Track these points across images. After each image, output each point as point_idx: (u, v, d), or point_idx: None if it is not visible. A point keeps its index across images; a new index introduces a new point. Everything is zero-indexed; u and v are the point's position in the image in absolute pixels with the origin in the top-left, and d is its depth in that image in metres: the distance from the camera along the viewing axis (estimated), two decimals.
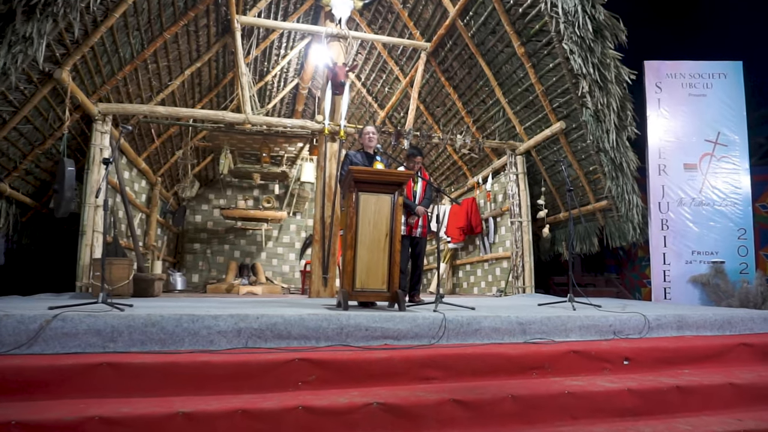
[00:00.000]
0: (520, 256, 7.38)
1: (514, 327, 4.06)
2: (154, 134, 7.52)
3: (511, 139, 7.73)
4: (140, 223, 8.02)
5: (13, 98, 5.33)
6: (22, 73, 5.08)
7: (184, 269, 10.17)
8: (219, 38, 7.14)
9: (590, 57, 5.86)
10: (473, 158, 8.59)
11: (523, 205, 7.51)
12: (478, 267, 8.70)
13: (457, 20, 6.99)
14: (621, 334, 4.26)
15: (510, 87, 7.20)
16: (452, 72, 7.78)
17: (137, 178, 7.82)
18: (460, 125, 8.31)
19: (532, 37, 6.47)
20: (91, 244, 6.14)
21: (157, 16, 5.97)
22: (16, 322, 3.28)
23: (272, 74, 8.79)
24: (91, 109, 6.06)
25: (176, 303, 5.03)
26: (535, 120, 7.27)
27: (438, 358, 3.47)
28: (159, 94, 6.98)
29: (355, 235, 4.47)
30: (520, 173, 7.59)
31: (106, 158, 4.16)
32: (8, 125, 5.52)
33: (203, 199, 10.53)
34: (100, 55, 5.73)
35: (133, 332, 3.42)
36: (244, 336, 3.60)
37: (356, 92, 9.57)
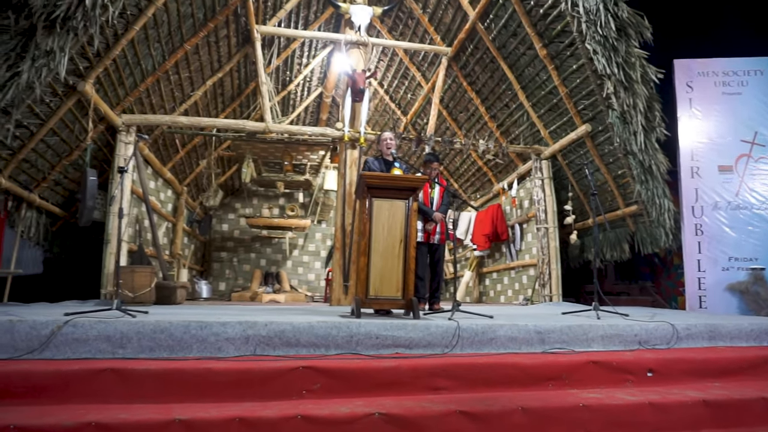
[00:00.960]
0: (547, 264, 7.16)
1: (531, 336, 3.90)
2: (179, 144, 7.65)
3: (536, 144, 7.54)
4: (166, 232, 8.16)
5: (40, 111, 5.49)
6: (47, 86, 5.23)
7: (211, 277, 10.29)
8: (240, 48, 7.23)
9: (614, 57, 5.66)
10: (498, 164, 8.42)
11: (549, 211, 7.30)
12: (505, 275, 8.49)
13: (477, 24, 6.88)
14: (647, 344, 4.04)
15: (533, 90, 7.03)
16: (474, 76, 7.66)
17: (163, 188, 7.97)
18: (484, 130, 8.16)
19: (554, 38, 6.31)
20: (115, 253, 6.25)
21: (177, 28, 6.08)
22: (28, 328, 3.32)
23: (295, 83, 8.85)
24: (114, 120, 6.20)
25: (191, 310, 5.05)
26: (560, 123, 7.07)
27: (448, 367, 3.35)
28: (182, 105, 7.11)
29: (369, 241, 4.40)
30: (546, 178, 7.38)
31: (121, 167, 4.22)
32: (35, 137, 5.69)
33: (229, 208, 10.66)
34: (122, 67, 5.86)
35: (142, 339, 3.42)
36: (253, 343, 3.56)
37: (379, 99, 9.55)
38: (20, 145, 5.66)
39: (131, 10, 5.37)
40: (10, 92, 4.81)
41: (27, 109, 5.32)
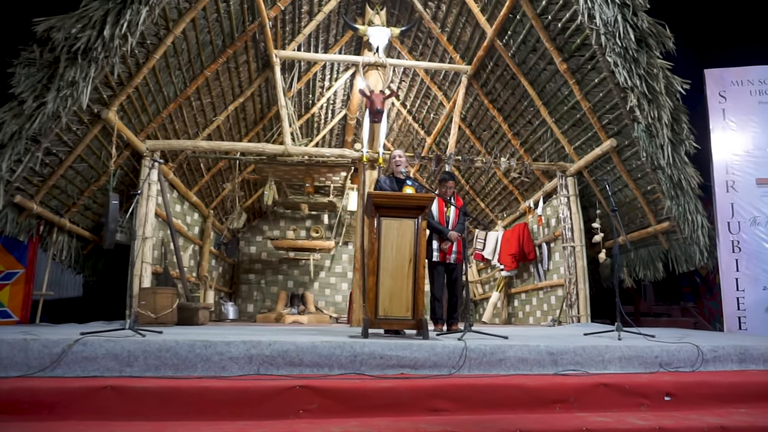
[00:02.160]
0: (574, 284, 6.90)
1: (543, 357, 3.73)
2: (203, 169, 7.84)
3: (561, 160, 7.36)
4: (193, 254, 8.32)
5: (67, 139, 5.73)
6: (73, 115, 5.46)
7: (239, 299, 10.41)
8: (260, 73, 7.40)
9: (635, 68, 5.49)
10: (524, 182, 8.25)
11: (576, 229, 7.07)
12: (533, 295, 8.23)
13: (495, 40, 6.83)
14: (669, 367, 3.80)
15: (555, 105, 6.88)
16: (495, 94, 7.58)
17: (189, 211, 8.16)
18: (508, 148, 8.03)
19: (574, 52, 6.18)
20: (140, 275, 6.40)
21: (197, 56, 6.28)
22: (41, 346, 3.40)
23: (318, 106, 8.99)
24: (139, 146, 6.41)
25: (205, 330, 5.08)
26: (584, 139, 6.88)
27: (449, 388, 3.24)
28: (205, 130, 7.30)
29: (377, 261, 4.34)
30: (572, 195, 7.17)
31: (134, 191, 4.33)
32: (64, 164, 5.94)
33: (257, 231, 10.82)
34: (145, 94, 6.08)
35: (148, 357, 3.45)
36: (256, 363, 3.54)
37: (402, 120, 9.57)
38: (50, 171, 5.91)
39: (151, 40, 5.58)
40: (38, 121, 5.05)
41: (55, 137, 5.55)
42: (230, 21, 6.28)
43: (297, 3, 6.97)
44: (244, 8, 6.30)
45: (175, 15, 5.59)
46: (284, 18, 7.04)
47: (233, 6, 6.11)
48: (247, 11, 6.37)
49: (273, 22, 6.84)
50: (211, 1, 5.80)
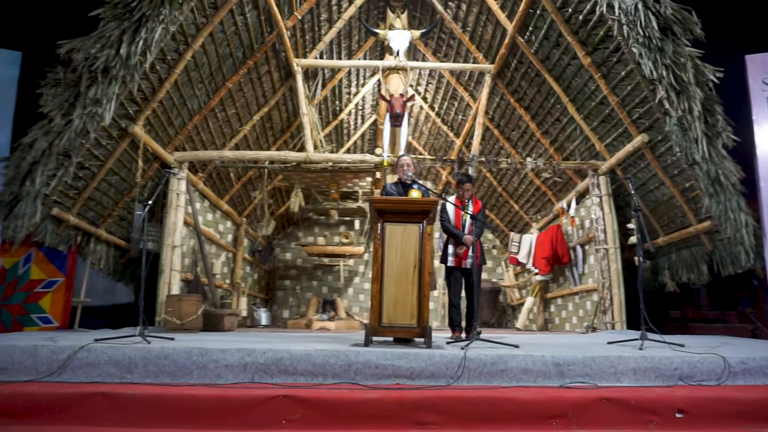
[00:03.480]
0: (608, 288, 6.54)
1: (548, 368, 3.54)
2: (233, 178, 8.03)
3: (592, 159, 7.02)
4: (226, 261, 8.53)
5: (98, 153, 6.01)
6: (102, 130, 5.72)
7: (275, 305, 10.58)
8: (283, 82, 7.51)
9: (661, 58, 5.16)
10: (557, 182, 7.93)
11: (609, 231, 6.70)
12: (569, 301, 7.89)
13: (516, 37, 6.61)
14: (690, 380, 3.51)
15: (583, 101, 6.58)
16: (521, 92, 7.33)
17: (221, 220, 8.37)
18: (538, 148, 7.75)
19: (598, 45, 5.89)
20: (168, 282, 6.61)
21: (218, 68, 6.45)
22: (49, 352, 3.56)
23: (345, 112, 9.02)
24: (167, 158, 6.64)
25: (221, 337, 5.15)
26: (615, 135, 6.53)
27: (438, 401, 3.12)
28: (232, 140, 7.48)
29: (381, 267, 4.26)
30: (604, 195, 6.81)
31: (147, 202, 4.47)
32: (97, 177, 6.23)
33: (292, 237, 10.97)
34: (169, 108, 6.29)
35: (148, 364, 3.54)
36: (251, 370, 3.55)
37: (431, 123, 9.45)
38: (84, 185, 6.22)
39: (171, 55, 5.77)
40: (66, 138, 5.32)
41: (87, 152, 5.84)
42: (248, 33, 6.41)
43: (315, 12, 7.03)
44: (261, 20, 6.41)
45: (193, 30, 5.77)
46: (303, 27, 7.12)
47: (250, 18, 6.24)
48: (265, 23, 6.48)
49: (292, 31, 6.92)
50: (227, 15, 5.94)
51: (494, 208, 10.01)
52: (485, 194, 9.76)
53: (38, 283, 6.57)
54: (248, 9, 6.10)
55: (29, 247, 6.47)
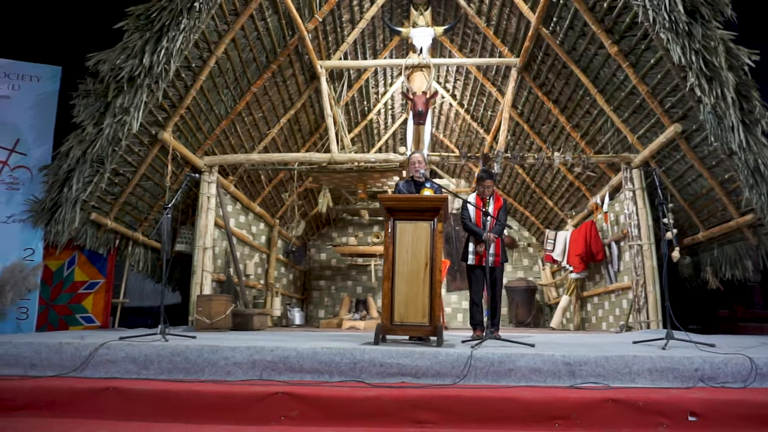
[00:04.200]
0: (642, 286, 6.26)
1: (559, 368, 3.44)
2: (264, 180, 8.20)
3: (625, 151, 6.73)
4: (260, 262, 8.73)
5: (131, 160, 6.28)
6: (133, 137, 5.98)
7: (311, 305, 10.73)
8: (308, 85, 7.60)
9: (689, 43, 4.89)
10: (590, 177, 7.66)
11: (643, 226, 6.41)
12: (605, 299, 7.59)
13: (541, 29, 6.43)
14: (712, 382, 3.33)
15: (612, 92, 6.33)
16: (549, 85, 7.12)
17: (254, 221, 8.57)
18: (569, 142, 7.51)
19: (624, 32, 5.65)
20: (200, 283, 6.83)
21: (242, 73, 6.60)
22: (73, 349, 3.74)
23: (374, 112, 9.03)
24: (197, 162, 6.87)
25: (241, 336, 5.27)
26: (647, 126, 6.25)
27: (436, 399, 3.08)
28: (260, 143, 7.64)
29: (392, 265, 4.25)
30: (638, 189, 6.53)
31: (166, 206, 4.64)
32: (131, 183, 6.51)
33: (326, 238, 11.09)
34: (197, 114, 6.50)
35: (162, 361, 3.67)
36: (259, 368, 3.62)
37: (462, 119, 9.32)
38: (120, 190, 6.51)
39: (196, 62, 5.96)
40: (98, 146, 5.59)
41: (120, 159, 6.11)
42: (270, 37, 6.53)
43: (337, 13, 7.08)
44: (282, 24, 6.52)
45: (216, 37, 5.93)
46: (325, 29, 7.18)
47: (271, 23, 6.35)
48: (286, 26, 6.59)
49: (314, 33, 7.00)
50: (248, 21, 6.08)
51: (528, 205, 9.77)
52: (519, 191, 9.56)
53: (81, 285, 6.93)
54: (269, 14, 6.22)
55: (72, 251, 6.84)
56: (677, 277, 6.96)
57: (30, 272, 5.76)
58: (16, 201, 6.11)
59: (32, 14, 6.89)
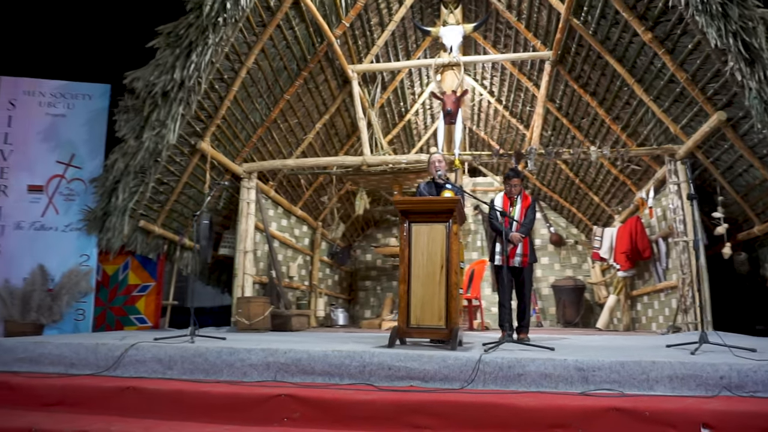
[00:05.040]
0: (689, 285, 5.89)
1: (571, 373, 3.34)
2: (304, 184, 8.40)
3: (669, 143, 6.36)
4: (304, 264, 8.94)
5: (174, 169, 6.63)
6: (174, 148, 6.30)
7: (357, 305, 10.86)
8: (341, 89, 7.70)
9: (726, 25, 4.57)
10: (635, 170, 7.28)
11: (689, 221, 6.04)
12: (655, 298, 7.19)
13: (571, 20, 6.18)
14: (739, 391, 3.11)
15: (651, 81, 5.99)
16: (585, 78, 6.83)
17: (297, 224, 8.79)
18: (611, 135, 7.18)
19: (658, 18, 5.35)
20: (241, 285, 7.09)
21: (275, 82, 6.79)
22: (107, 350, 4.02)
23: (411, 112, 9.02)
24: (236, 169, 7.14)
25: (266, 337, 5.45)
26: (690, 115, 5.88)
27: (435, 405, 3.07)
28: (297, 148, 7.83)
29: (408, 268, 4.26)
30: (683, 182, 6.14)
31: (195, 213, 4.87)
32: (175, 191, 6.87)
33: (372, 239, 11.18)
34: (233, 123, 6.76)
35: (185, 362, 3.87)
36: (273, 369, 3.75)
37: (501, 116, 9.13)
38: (165, 198, 6.88)
39: (228, 74, 6.20)
40: (139, 157, 5.95)
41: (164, 169, 6.47)
42: (299, 45, 6.68)
43: (364, 17, 7.13)
44: (310, 32, 6.65)
45: (245, 49, 6.15)
46: (354, 33, 7.25)
47: (299, 31, 6.50)
48: (315, 34, 6.72)
49: (343, 39, 7.09)
50: (276, 31, 6.25)
51: (575, 202, 9.43)
52: (563, 187, 9.24)
53: (134, 288, 7.39)
54: (296, 23, 6.36)
55: (126, 256, 7.30)
56: (733, 275, 6.49)
57: (82, 277, 6.20)
58: (73, 211, 6.61)
59: (84, 37, 7.47)
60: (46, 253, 6.44)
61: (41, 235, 6.54)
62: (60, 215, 6.62)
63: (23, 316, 5.86)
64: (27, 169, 6.62)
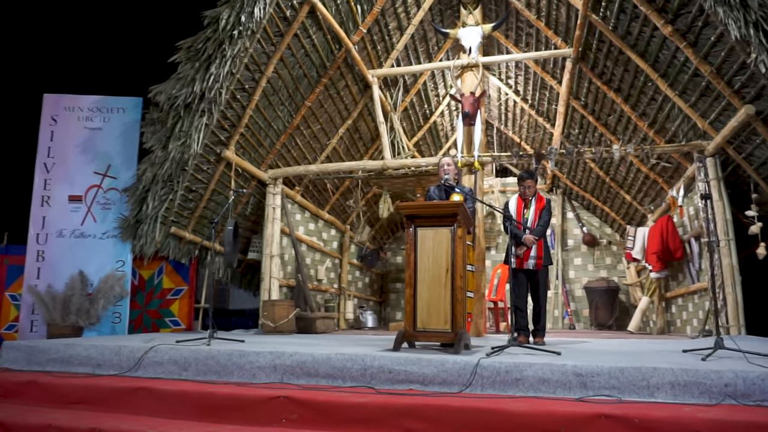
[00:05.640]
0: (720, 287, 5.64)
1: (569, 379, 3.31)
2: (331, 189, 8.54)
3: (698, 139, 6.11)
4: (333, 267, 9.09)
5: (201, 177, 6.89)
6: (201, 157, 6.56)
7: (388, 307, 10.92)
8: (363, 94, 7.78)
9: (745, 15, 4.37)
10: (666, 168, 7.02)
11: (720, 221, 5.77)
12: (689, 300, 6.90)
13: (590, 15, 6.03)
14: (746, 400, 3.00)
15: (675, 76, 5.77)
16: (608, 74, 6.64)
17: (325, 228, 8.94)
18: (639, 132, 6.94)
19: (678, 10, 5.16)
20: (268, 288, 7.29)
21: (295, 90, 6.94)
22: (129, 352, 4.25)
23: (436, 114, 9.00)
24: (261, 176, 7.35)
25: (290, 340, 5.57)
26: (718, 110, 5.63)
27: (426, 409, 3.11)
28: (322, 153, 7.98)
29: (414, 272, 4.30)
30: (712, 179, 5.88)
31: (213, 221, 5.07)
32: (204, 198, 7.14)
33: (401, 241, 11.19)
34: (257, 131, 6.97)
35: (198, 364, 4.04)
36: (279, 372, 3.87)
37: (528, 116, 8.98)
38: (195, 205, 7.16)
39: (249, 84, 6.40)
40: (166, 167, 6.23)
41: (192, 177, 6.74)
42: (318, 53, 6.82)
43: (383, 22, 7.19)
44: (328, 39, 6.77)
45: (264, 59, 6.33)
46: (372, 39, 7.32)
47: (317, 39, 6.63)
48: (332, 41, 6.83)
49: (361, 44, 7.18)
50: (294, 40, 6.40)
51: (607, 200, 9.16)
52: (595, 186, 8.99)
53: (169, 291, 7.72)
54: (313, 31, 6.50)
55: (161, 261, 7.65)
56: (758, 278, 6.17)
57: (116, 282, 6.54)
58: (109, 219, 6.98)
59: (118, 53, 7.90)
60: (86, 259, 6.84)
61: (81, 243, 6.94)
62: (98, 223, 7.01)
63: (63, 319, 6.24)
64: (67, 181, 7.05)
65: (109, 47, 8.07)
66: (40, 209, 6.98)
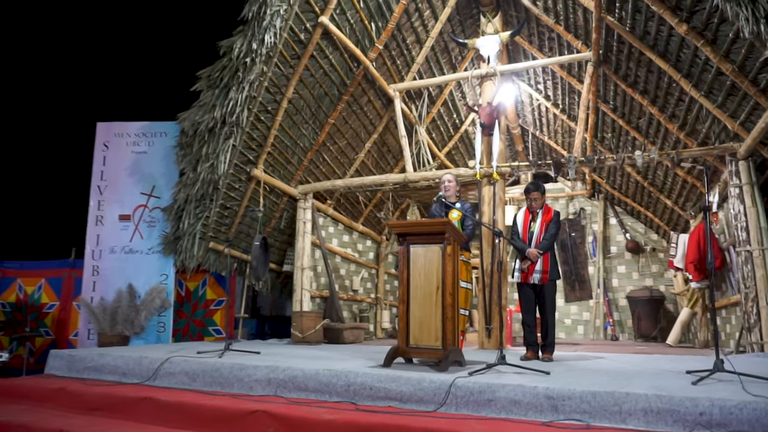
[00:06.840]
0: (753, 300, 5.24)
1: (540, 401, 3.31)
2: (363, 201, 8.72)
3: (731, 141, 5.71)
4: (369, 277, 9.26)
5: (234, 195, 7.30)
6: (232, 176, 6.95)
7: None
8: (387, 108, 7.90)
9: (754, 10, 4.10)
10: (703, 172, 6.57)
11: (753, 228, 5.37)
12: (732, 312, 6.43)
13: (605, 17, 5.81)
14: (721, 429, 2.89)
15: (698, 76, 5.45)
16: (632, 76, 6.35)
17: (360, 240, 9.14)
18: (670, 135, 6.57)
19: (693, 7, 4.89)
20: (300, 300, 7.58)
21: (318, 108, 7.19)
22: (148, 362, 4.64)
23: (466, 124, 8.92)
24: (292, 192, 7.66)
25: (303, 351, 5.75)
26: (747, 109, 5.25)
27: (392, 428, 3.19)
28: (351, 168, 8.17)
29: (407, 289, 4.40)
30: (745, 184, 5.49)
31: (229, 240, 5.39)
32: (238, 215, 7.54)
33: None
34: (284, 150, 7.28)
35: (205, 375, 4.36)
36: (274, 385, 4.11)
37: (560, 121, 8.70)
38: (231, 221, 7.59)
39: (271, 106, 6.71)
40: (197, 187, 6.67)
41: (226, 195, 7.16)
42: (336, 71, 7.02)
43: (399, 37, 7.28)
44: (345, 57, 6.96)
45: (284, 81, 6.62)
46: (391, 54, 7.42)
47: (333, 58, 6.83)
48: (350, 59, 7.01)
49: (380, 60, 7.30)
50: (311, 61, 6.63)
51: (649, 206, 8.68)
52: (635, 191, 8.56)
53: (212, 302, 8.22)
54: (329, 51, 6.71)
55: (204, 274, 8.16)
56: None
57: (158, 294, 7.07)
58: (154, 236, 7.55)
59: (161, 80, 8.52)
60: (134, 273, 7.44)
61: (130, 258, 7.56)
62: (144, 240, 7.61)
63: (111, 329, 6.84)
64: (118, 201, 7.70)
65: (145, 74, 8.80)
66: (95, 228, 7.67)
